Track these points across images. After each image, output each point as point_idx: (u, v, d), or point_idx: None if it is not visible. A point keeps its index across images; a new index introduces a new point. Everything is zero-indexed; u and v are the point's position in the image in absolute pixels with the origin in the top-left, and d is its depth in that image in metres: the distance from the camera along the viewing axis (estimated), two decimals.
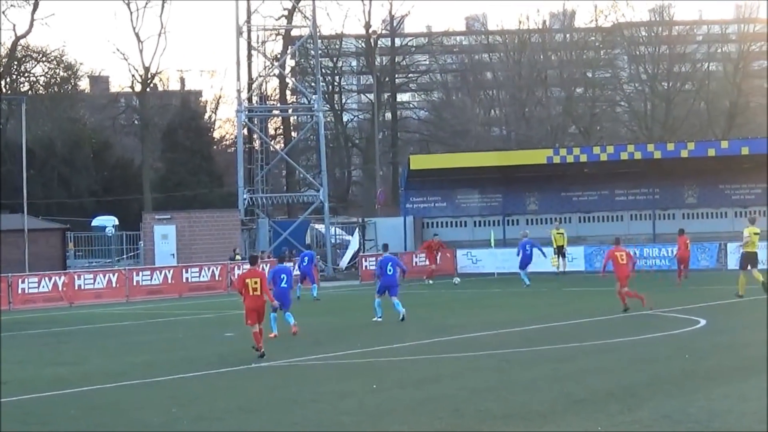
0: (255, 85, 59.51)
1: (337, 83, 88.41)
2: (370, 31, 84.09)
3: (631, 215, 54.42)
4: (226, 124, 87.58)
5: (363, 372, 19.60)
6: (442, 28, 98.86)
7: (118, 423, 15.37)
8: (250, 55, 58.87)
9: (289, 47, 74.08)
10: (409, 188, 56.67)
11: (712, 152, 51.64)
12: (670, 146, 53.36)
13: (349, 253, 56.69)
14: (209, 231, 52.13)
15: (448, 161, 58.45)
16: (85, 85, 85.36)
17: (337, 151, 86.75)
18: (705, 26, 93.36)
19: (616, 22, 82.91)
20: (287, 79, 78.34)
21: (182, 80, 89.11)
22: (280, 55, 72.41)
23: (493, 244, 50.87)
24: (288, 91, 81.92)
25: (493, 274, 49.72)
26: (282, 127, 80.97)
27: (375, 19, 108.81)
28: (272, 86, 77.26)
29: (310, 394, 16.98)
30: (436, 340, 24.31)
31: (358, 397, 16.49)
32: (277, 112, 72.03)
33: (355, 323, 29.33)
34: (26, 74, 76.03)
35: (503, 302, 36.38)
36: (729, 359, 19.68)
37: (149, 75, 74.48)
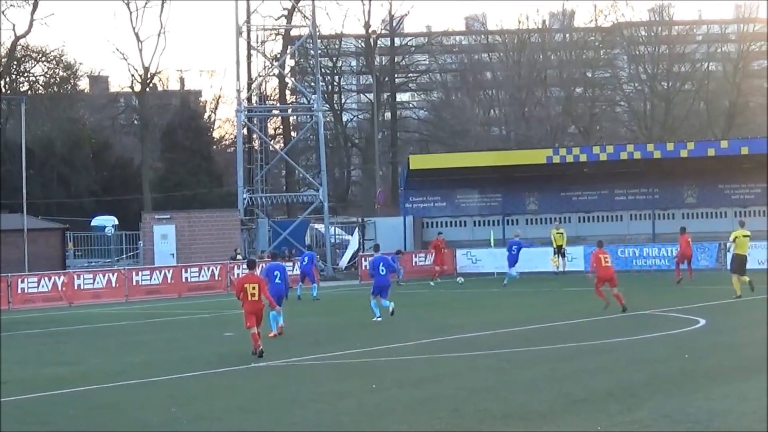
0: (254, 85, 59.51)
1: (336, 83, 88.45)
2: (370, 30, 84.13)
3: (631, 215, 54.43)
4: (225, 124, 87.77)
5: (362, 372, 19.59)
6: (441, 28, 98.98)
7: (118, 423, 15.35)
8: (249, 55, 58.91)
9: (289, 47, 74.13)
10: (409, 188, 56.69)
11: (711, 152, 51.65)
12: (670, 146, 53.36)
13: (349, 253, 56.72)
14: (209, 231, 52.14)
15: (448, 161, 58.48)
16: (84, 84, 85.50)
17: (336, 151, 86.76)
18: (704, 26, 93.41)
19: (615, 22, 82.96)
20: (287, 79, 78.33)
21: (182, 80, 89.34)
22: (279, 55, 72.41)
23: (493, 244, 50.90)
24: (287, 91, 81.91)
25: (492, 274, 49.69)
26: (281, 126, 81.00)
27: (374, 18, 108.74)
28: (272, 86, 77.39)
29: (309, 394, 16.97)
30: (435, 340, 24.30)
31: (357, 397, 16.48)
32: (276, 112, 72.04)
33: (354, 323, 29.32)
34: (26, 74, 76.06)
35: (502, 302, 36.37)
36: (729, 359, 19.68)
37: (149, 75, 74.52)
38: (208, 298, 42.55)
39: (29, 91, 73.71)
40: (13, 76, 74.65)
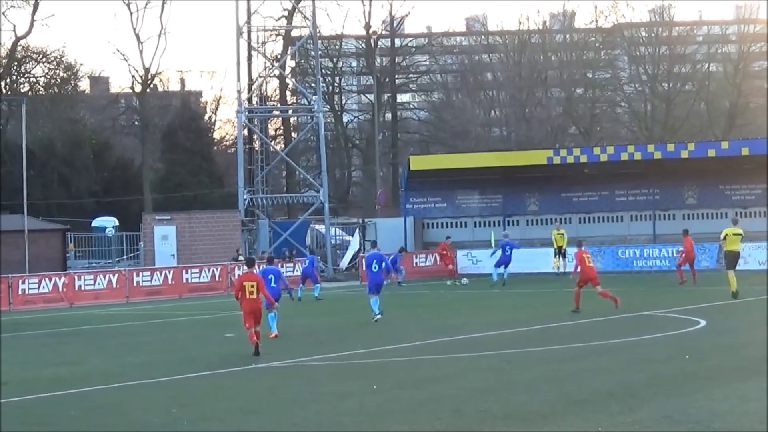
0: (255, 86, 59.51)
1: (337, 84, 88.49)
2: (370, 31, 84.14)
3: (632, 216, 54.44)
4: (226, 125, 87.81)
5: (363, 372, 19.59)
6: (442, 29, 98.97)
7: (119, 424, 15.35)
8: (250, 56, 58.88)
9: (289, 48, 74.14)
10: (410, 189, 56.71)
11: (712, 153, 51.66)
12: (671, 147, 53.38)
13: (350, 254, 56.71)
14: (209, 232, 52.16)
15: (449, 162, 58.49)
16: (85, 85, 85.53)
17: (337, 152, 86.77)
18: (705, 27, 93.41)
19: (616, 23, 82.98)
20: (287, 80, 78.37)
21: (182, 81, 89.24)
22: (280, 56, 72.41)
23: (494, 245, 50.84)
24: (288, 92, 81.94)
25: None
26: (282, 127, 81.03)
27: (375, 19, 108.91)
28: (272, 87, 77.46)
29: (311, 395, 16.97)
30: (436, 341, 24.29)
31: (358, 398, 16.48)
32: (277, 113, 72.03)
33: (355, 323, 29.34)
34: (26, 75, 76.08)
35: (503, 302, 36.36)
36: (729, 360, 19.67)
37: (149, 76, 74.53)
38: (209, 299, 42.54)
39: (30, 92, 73.72)
40: (14, 77, 74.69)
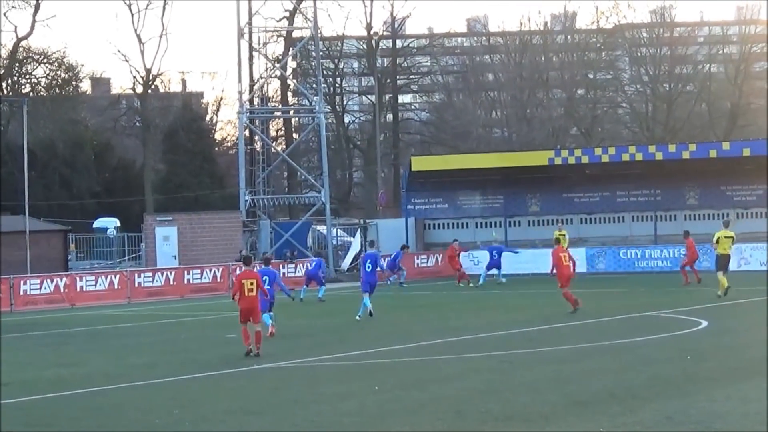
0: (256, 87, 59.54)
1: (338, 85, 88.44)
2: (372, 32, 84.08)
3: (633, 216, 54.42)
4: (227, 126, 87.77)
5: (364, 373, 19.61)
6: (443, 30, 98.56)
7: (120, 424, 15.37)
8: (251, 57, 58.94)
9: (291, 49, 74.11)
10: (411, 190, 56.71)
11: (713, 154, 51.64)
12: (672, 148, 53.35)
13: (351, 255, 56.68)
14: (211, 233, 52.17)
15: (450, 163, 58.47)
16: (86, 86, 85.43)
17: (338, 153, 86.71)
18: (706, 28, 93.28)
19: (617, 24, 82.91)
20: (288, 81, 78.36)
21: (184, 82, 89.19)
22: (281, 57, 72.46)
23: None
24: (289, 93, 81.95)
25: (494, 276, 49.65)
26: (283, 128, 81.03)
27: (376, 20, 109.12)
28: (273, 88, 77.42)
29: (312, 396, 16.98)
30: (437, 341, 24.30)
31: (359, 399, 16.49)
32: (278, 114, 72.07)
33: (356, 324, 29.34)
34: (27, 76, 76.04)
35: (505, 303, 36.37)
36: (731, 360, 19.67)
37: (150, 77, 74.50)
38: (211, 300, 42.55)
39: (31, 93, 73.70)
40: (15, 78, 74.66)
